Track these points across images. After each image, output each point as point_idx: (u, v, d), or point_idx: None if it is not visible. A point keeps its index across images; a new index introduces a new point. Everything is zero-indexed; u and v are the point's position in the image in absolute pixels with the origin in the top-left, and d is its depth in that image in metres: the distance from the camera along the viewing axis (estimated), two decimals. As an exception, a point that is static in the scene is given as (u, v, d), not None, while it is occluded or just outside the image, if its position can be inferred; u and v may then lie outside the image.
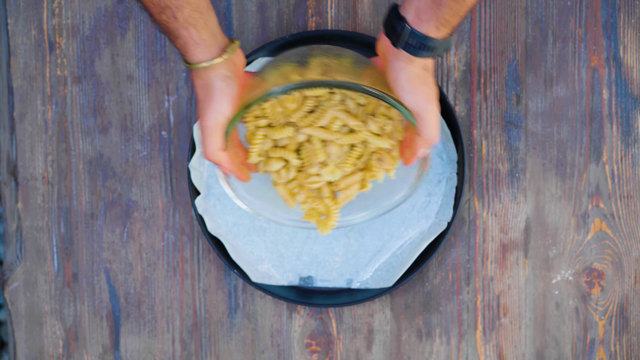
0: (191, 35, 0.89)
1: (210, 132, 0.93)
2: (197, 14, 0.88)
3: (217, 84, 0.92)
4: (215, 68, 0.91)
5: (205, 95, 0.92)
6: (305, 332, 1.15)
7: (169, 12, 0.87)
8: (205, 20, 0.89)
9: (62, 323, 1.16)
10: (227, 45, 0.92)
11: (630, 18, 1.13)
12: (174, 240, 1.16)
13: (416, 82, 0.90)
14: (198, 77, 0.92)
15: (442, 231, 1.11)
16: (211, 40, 0.90)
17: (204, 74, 0.91)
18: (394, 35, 0.88)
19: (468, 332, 1.15)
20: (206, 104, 0.92)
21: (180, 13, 0.87)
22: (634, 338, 1.15)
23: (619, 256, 1.14)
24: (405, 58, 0.89)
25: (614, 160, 1.14)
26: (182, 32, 0.88)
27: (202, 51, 0.90)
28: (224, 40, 0.92)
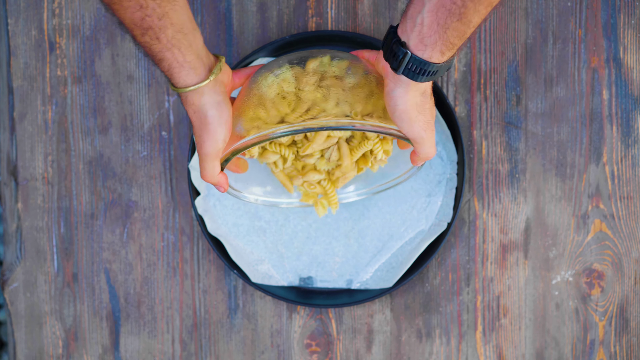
0: (175, 57, 0.86)
1: (208, 158, 0.93)
2: (180, 35, 0.85)
3: (211, 113, 0.90)
4: (205, 92, 0.90)
5: (200, 124, 0.91)
6: (305, 332, 1.15)
7: (151, 34, 0.84)
8: (189, 41, 0.86)
9: (62, 323, 1.16)
10: (214, 65, 0.90)
11: (630, 19, 1.13)
12: (173, 241, 1.16)
13: (413, 112, 0.89)
14: (188, 104, 0.90)
15: (442, 232, 1.11)
16: (196, 62, 0.88)
17: (193, 99, 0.90)
18: (394, 60, 0.86)
19: (468, 333, 1.15)
20: (203, 133, 0.91)
21: (164, 34, 0.84)
22: (633, 339, 1.14)
23: (619, 257, 1.14)
24: (404, 84, 0.87)
25: (614, 161, 1.14)
26: (166, 54, 0.86)
27: (187, 74, 0.88)
28: (210, 59, 0.90)
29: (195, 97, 0.90)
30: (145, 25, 0.83)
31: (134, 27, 0.84)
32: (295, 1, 1.15)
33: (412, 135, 0.91)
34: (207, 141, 0.91)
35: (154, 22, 0.83)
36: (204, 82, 0.89)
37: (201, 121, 0.91)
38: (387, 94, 0.89)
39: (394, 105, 0.89)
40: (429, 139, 0.91)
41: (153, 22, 0.83)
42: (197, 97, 0.90)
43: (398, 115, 0.89)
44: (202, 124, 0.91)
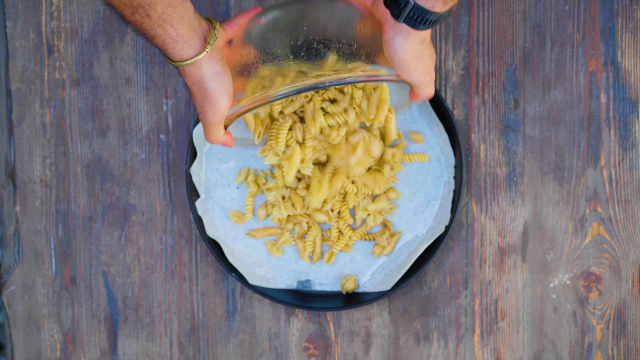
0: (168, 33, 0.85)
1: (212, 125, 0.93)
2: (170, 9, 0.84)
3: (211, 85, 0.89)
4: (202, 64, 0.88)
5: (201, 96, 0.90)
6: (303, 335, 1.15)
7: (141, 11, 0.83)
8: (180, 14, 0.85)
9: (60, 326, 1.16)
10: (208, 34, 0.89)
11: (628, 23, 1.14)
12: (172, 244, 1.16)
13: (413, 60, 0.89)
14: (187, 76, 0.89)
15: (440, 235, 1.12)
16: (190, 35, 0.86)
17: (192, 72, 0.88)
18: (395, 8, 0.85)
19: (466, 336, 1.15)
20: (205, 104, 0.91)
21: (154, 11, 0.83)
22: (631, 342, 1.15)
23: (617, 260, 1.14)
24: (403, 31, 0.87)
25: (612, 165, 1.14)
26: (158, 30, 0.85)
27: (182, 47, 0.86)
28: (203, 28, 0.89)
29: (193, 69, 0.88)
30: (135, 3, 0.82)
31: (124, 6, 0.83)
32: (294, 4, 1.15)
33: (412, 81, 0.91)
34: (209, 111, 0.91)
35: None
36: (201, 55, 0.87)
37: (202, 93, 0.90)
38: (386, 42, 0.89)
39: (394, 53, 0.89)
40: (428, 83, 0.92)
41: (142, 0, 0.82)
42: (195, 69, 0.88)
43: (397, 64, 0.89)
44: (204, 96, 0.90)
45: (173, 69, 1.15)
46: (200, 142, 1.12)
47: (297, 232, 1.13)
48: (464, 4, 1.14)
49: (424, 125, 1.12)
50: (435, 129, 1.12)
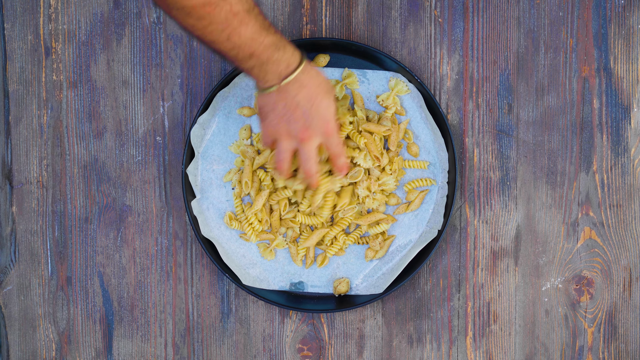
0: (277, 59, 0.97)
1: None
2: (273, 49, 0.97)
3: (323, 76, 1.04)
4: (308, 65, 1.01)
5: (322, 90, 1.01)
6: (297, 337, 1.16)
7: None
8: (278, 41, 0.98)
9: (56, 326, 1.17)
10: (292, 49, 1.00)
11: (620, 29, 1.15)
12: (167, 245, 1.16)
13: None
14: (299, 82, 0.99)
15: (433, 238, 1.12)
16: (291, 47, 0.99)
17: (305, 73, 1.00)
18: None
19: (458, 339, 1.15)
20: (328, 95, 1.02)
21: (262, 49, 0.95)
22: (622, 345, 1.15)
23: (608, 264, 1.15)
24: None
25: (604, 170, 1.15)
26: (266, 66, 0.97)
27: (287, 63, 0.98)
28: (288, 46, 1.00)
29: (305, 71, 1.00)
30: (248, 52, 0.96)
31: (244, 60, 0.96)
32: (290, 8, 1.15)
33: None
34: (333, 102, 1.03)
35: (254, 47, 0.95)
36: (301, 64, 0.99)
37: (321, 86, 1.02)
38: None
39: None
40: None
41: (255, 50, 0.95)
42: (306, 71, 1.00)
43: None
44: (327, 89, 1.03)
45: (170, 72, 1.16)
46: (197, 142, 1.13)
47: (290, 235, 1.14)
48: (459, 9, 1.15)
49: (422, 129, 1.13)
50: (429, 133, 1.13)
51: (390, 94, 1.12)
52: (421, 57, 1.15)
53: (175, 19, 0.90)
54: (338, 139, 1.03)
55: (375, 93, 1.13)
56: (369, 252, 1.13)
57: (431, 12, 1.15)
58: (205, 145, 1.13)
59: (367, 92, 1.13)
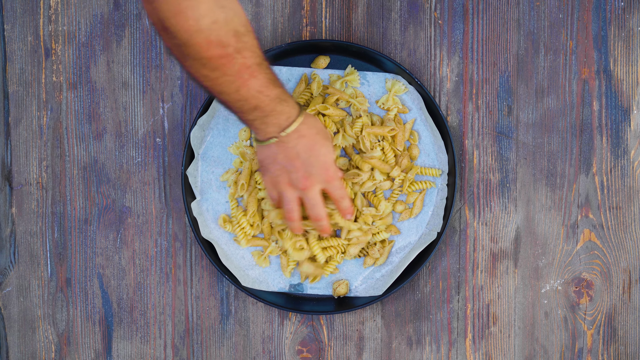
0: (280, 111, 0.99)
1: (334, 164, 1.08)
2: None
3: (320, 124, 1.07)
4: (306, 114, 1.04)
5: (321, 138, 1.03)
6: (296, 339, 1.16)
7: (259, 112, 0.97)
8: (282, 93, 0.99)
9: (55, 328, 1.17)
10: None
11: (620, 31, 1.15)
12: (167, 247, 1.16)
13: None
14: (298, 134, 1.01)
15: (433, 241, 1.12)
16: (291, 100, 1.01)
17: (306, 123, 1.02)
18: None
19: (458, 340, 1.15)
20: (326, 143, 1.04)
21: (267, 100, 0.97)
22: (621, 347, 1.16)
23: (608, 266, 1.15)
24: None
25: (604, 172, 1.15)
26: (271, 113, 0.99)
27: (289, 112, 1.00)
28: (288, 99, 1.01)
29: (306, 122, 1.02)
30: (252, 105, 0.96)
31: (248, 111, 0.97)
32: (290, 10, 1.15)
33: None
34: (330, 148, 1.05)
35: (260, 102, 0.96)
36: (300, 115, 1.00)
37: (320, 134, 1.03)
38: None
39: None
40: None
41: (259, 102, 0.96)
42: (306, 121, 1.02)
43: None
44: (325, 136, 1.04)
45: (170, 73, 1.16)
46: (197, 144, 1.13)
47: (281, 245, 1.14)
48: (459, 11, 1.15)
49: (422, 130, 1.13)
50: (430, 135, 1.13)
51: (388, 95, 1.12)
52: (421, 59, 1.15)
53: (189, 69, 0.90)
54: (339, 183, 1.05)
55: (375, 95, 1.13)
56: (368, 260, 1.13)
57: (431, 14, 1.15)
58: (205, 146, 1.14)
59: (367, 93, 1.13)
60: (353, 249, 1.12)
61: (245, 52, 0.90)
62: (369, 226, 1.12)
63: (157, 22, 0.86)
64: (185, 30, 0.85)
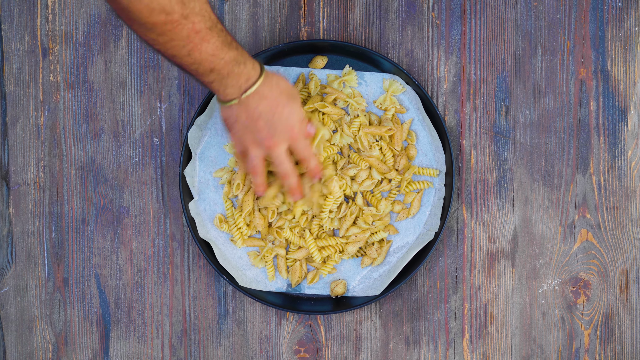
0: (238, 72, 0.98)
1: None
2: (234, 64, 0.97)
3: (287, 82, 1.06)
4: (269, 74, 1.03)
5: (286, 99, 1.02)
6: (294, 338, 1.16)
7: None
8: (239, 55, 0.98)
9: (52, 328, 1.17)
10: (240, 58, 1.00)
11: (618, 32, 1.15)
12: (164, 247, 1.16)
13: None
14: (266, 86, 1.00)
15: (430, 241, 1.12)
16: (251, 62, 1.00)
17: (269, 82, 1.01)
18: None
19: (455, 340, 1.16)
20: (294, 102, 1.03)
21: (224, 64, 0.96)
22: (618, 347, 1.16)
23: (605, 266, 1.15)
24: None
25: (601, 172, 1.15)
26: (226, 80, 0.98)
27: (249, 74, 0.99)
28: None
29: (270, 80, 1.02)
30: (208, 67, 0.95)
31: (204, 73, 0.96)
32: (288, 10, 1.15)
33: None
34: (300, 106, 1.05)
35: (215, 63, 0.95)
36: (261, 77, 1.00)
37: (287, 95, 1.03)
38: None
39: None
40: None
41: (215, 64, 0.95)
42: (270, 79, 1.02)
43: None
44: (292, 96, 1.03)
45: (167, 73, 1.16)
46: (195, 144, 1.13)
47: (278, 245, 1.13)
48: (456, 11, 1.15)
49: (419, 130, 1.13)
50: (428, 136, 1.13)
51: (386, 95, 1.12)
52: (419, 59, 1.15)
53: (137, 33, 0.90)
54: (305, 143, 1.05)
55: (372, 95, 1.13)
56: (365, 260, 1.13)
57: (429, 14, 1.15)
58: (203, 146, 1.13)
59: (365, 93, 1.14)
60: (351, 247, 1.12)
61: (194, 17, 0.89)
62: (368, 225, 1.12)
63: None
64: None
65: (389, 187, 1.12)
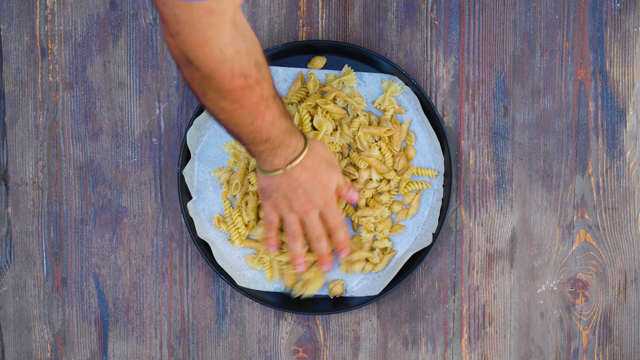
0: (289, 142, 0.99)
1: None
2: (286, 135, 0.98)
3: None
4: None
5: (327, 167, 1.04)
6: (292, 339, 1.16)
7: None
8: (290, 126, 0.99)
9: (51, 327, 1.17)
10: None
11: (616, 32, 1.15)
12: (163, 247, 1.16)
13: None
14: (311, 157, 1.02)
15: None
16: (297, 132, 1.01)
17: (316, 149, 1.03)
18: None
19: (453, 341, 1.16)
20: (334, 170, 1.05)
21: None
22: (617, 348, 1.16)
23: (603, 267, 1.15)
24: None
25: (599, 172, 1.15)
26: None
27: (298, 140, 1.01)
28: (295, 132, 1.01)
29: (318, 147, 1.04)
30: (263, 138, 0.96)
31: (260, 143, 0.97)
32: (286, 11, 1.15)
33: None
34: (339, 174, 1.07)
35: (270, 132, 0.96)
36: (306, 148, 1.01)
37: (328, 163, 1.04)
38: None
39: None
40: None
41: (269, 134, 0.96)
42: (318, 146, 1.04)
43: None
44: (331, 164, 1.05)
45: (166, 73, 1.16)
46: (193, 144, 1.13)
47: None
48: (455, 12, 1.15)
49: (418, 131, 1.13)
50: (426, 136, 1.13)
51: (384, 95, 1.12)
52: (417, 60, 1.15)
53: (208, 102, 0.89)
54: (336, 211, 1.06)
55: (371, 95, 1.13)
56: (367, 266, 1.13)
57: (427, 15, 1.15)
58: (202, 146, 1.14)
59: (363, 94, 1.14)
60: (357, 266, 1.13)
61: (264, 84, 0.89)
62: (372, 232, 1.12)
63: (180, 55, 0.85)
64: (210, 61, 0.83)
65: (388, 188, 1.12)
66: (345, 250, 1.09)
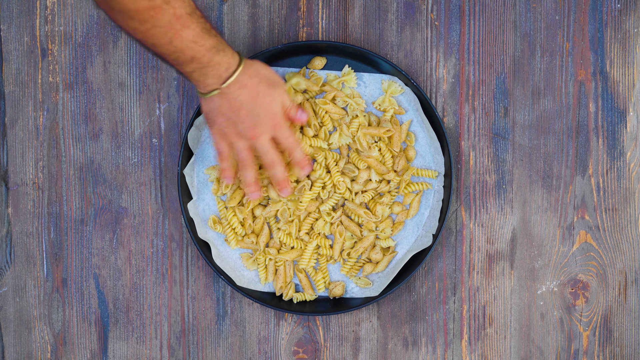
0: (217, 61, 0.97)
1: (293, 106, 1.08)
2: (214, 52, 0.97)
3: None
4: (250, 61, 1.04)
5: (268, 85, 1.02)
6: (292, 339, 1.16)
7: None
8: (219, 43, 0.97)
9: (51, 328, 1.17)
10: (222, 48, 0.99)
11: (617, 33, 1.15)
12: (163, 247, 1.16)
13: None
14: (247, 75, 1.00)
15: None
16: (231, 52, 0.99)
17: (250, 71, 1.01)
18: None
19: (454, 342, 1.16)
20: (278, 87, 1.04)
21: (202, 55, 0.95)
22: (617, 349, 1.16)
23: (604, 268, 1.15)
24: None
25: (600, 173, 1.15)
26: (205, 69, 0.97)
27: (228, 62, 0.99)
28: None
29: (251, 68, 1.02)
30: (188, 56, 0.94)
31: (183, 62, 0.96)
32: (287, 11, 1.15)
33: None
34: (284, 92, 1.05)
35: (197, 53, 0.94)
36: (240, 65, 0.99)
37: (269, 82, 1.02)
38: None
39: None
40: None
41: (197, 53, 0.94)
42: (251, 68, 1.02)
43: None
44: (274, 83, 1.03)
45: (166, 74, 1.16)
46: (194, 144, 1.13)
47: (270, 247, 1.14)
48: (455, 13, 1.15)
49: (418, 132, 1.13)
50: (426, 137, 1.13)
51: (384, 96, 1.12)
52: (417, 61, 1.15)
53: (117, 22, 0.89)
54: (288, 132, 1.04)
55: (371, 96, 1.13)
56: (367, 267, 1.13)
57: (427, 16, 1.15)
58: (201, 146, 1.14)
59: (363, 94, 1.14)
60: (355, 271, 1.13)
61: (174, 3, 0.89)
62: (373, 232, 1.12)
63: None
64: None
65: (387, 188, 1.12)
66: (306, 168, 1.07)
